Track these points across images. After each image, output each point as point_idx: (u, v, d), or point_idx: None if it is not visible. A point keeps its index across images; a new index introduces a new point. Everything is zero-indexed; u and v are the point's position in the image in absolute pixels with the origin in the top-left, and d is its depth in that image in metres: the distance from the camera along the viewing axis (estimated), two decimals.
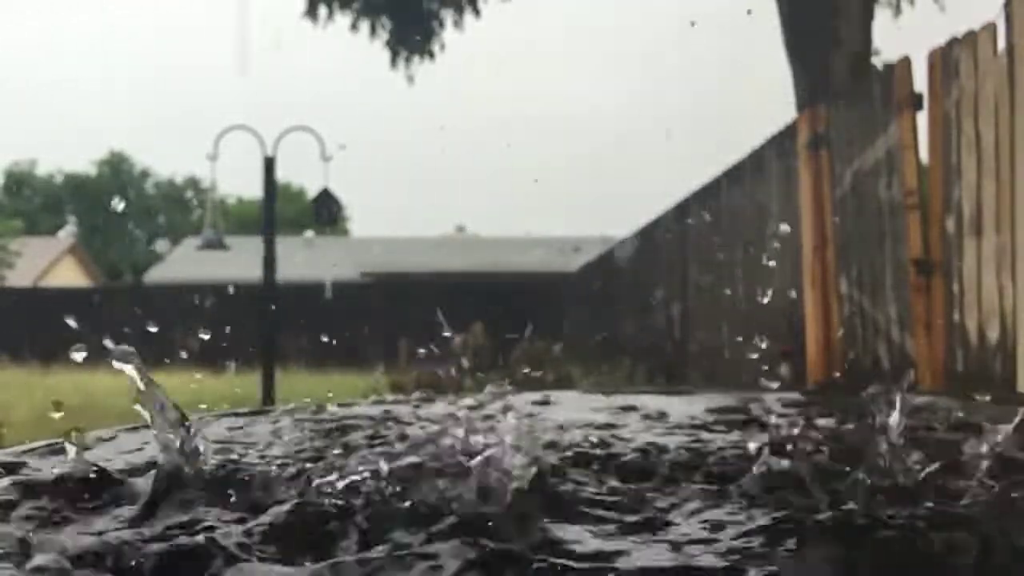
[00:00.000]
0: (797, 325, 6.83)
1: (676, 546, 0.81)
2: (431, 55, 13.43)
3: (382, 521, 0.84)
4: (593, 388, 1.77)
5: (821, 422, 1.35)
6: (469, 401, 1.42)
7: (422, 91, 14.07)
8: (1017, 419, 1.01)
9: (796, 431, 1.10)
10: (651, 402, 1.55)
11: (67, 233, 49.78)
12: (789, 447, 1.03)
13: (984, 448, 0.98)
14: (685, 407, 1.51)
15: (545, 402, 1.59)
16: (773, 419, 1.15)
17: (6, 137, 70.34)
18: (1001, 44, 4.57)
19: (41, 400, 11.67)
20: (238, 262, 20.70)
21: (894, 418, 0.99)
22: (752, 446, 1.04)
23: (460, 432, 0.98)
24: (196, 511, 0.88)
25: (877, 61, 9.35)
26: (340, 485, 0.91)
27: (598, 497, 0.94)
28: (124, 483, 0.97)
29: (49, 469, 1.01)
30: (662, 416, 1.42)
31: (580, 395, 1.72)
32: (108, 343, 0.97)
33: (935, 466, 0.98)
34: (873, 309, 5.86)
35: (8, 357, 17.48)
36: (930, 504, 0.87)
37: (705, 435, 1.27)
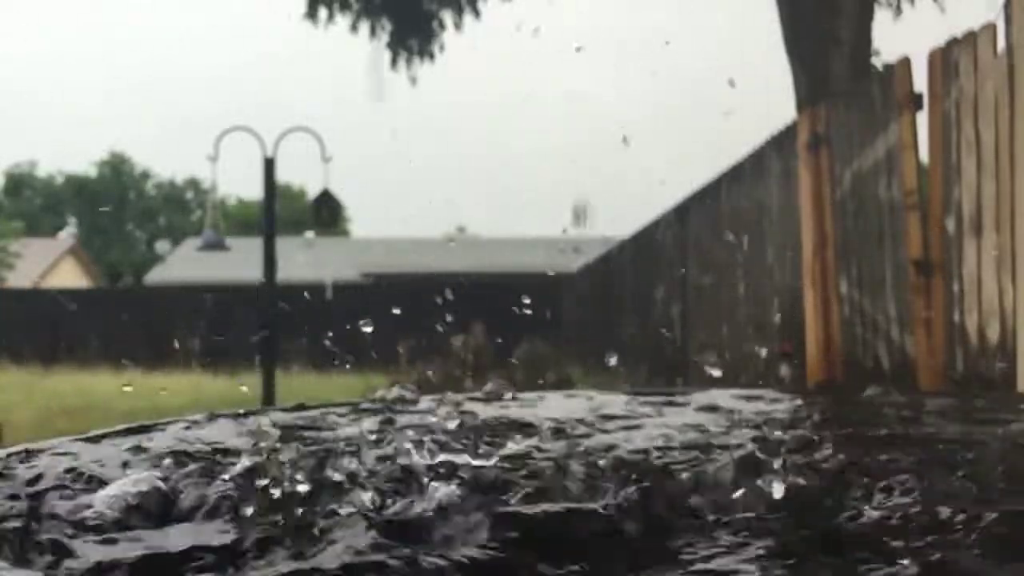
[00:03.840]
0: (797, 325, 6.83)
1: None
2: (431, 56, 13.43)
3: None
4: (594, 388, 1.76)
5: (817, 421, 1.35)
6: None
7: (422, 91, 14.06)
8: None
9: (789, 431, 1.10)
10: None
11: (67, 234, 49.79)
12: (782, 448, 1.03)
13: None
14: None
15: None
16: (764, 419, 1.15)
17: (7, 138, 70.37)
18: (1001, 44, 4.57)
19: (41, 401, 11.68)
20: (238, 263, 20.72)
21: None
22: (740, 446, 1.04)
23: None
24: None
25: (877, 61, 9.35)
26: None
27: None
28: None
29: None
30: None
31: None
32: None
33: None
34: (873, 309, 5.86)
35: (8, 358, 17.49)
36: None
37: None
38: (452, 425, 1.15)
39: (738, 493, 0.90)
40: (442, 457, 0.96)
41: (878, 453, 1.06)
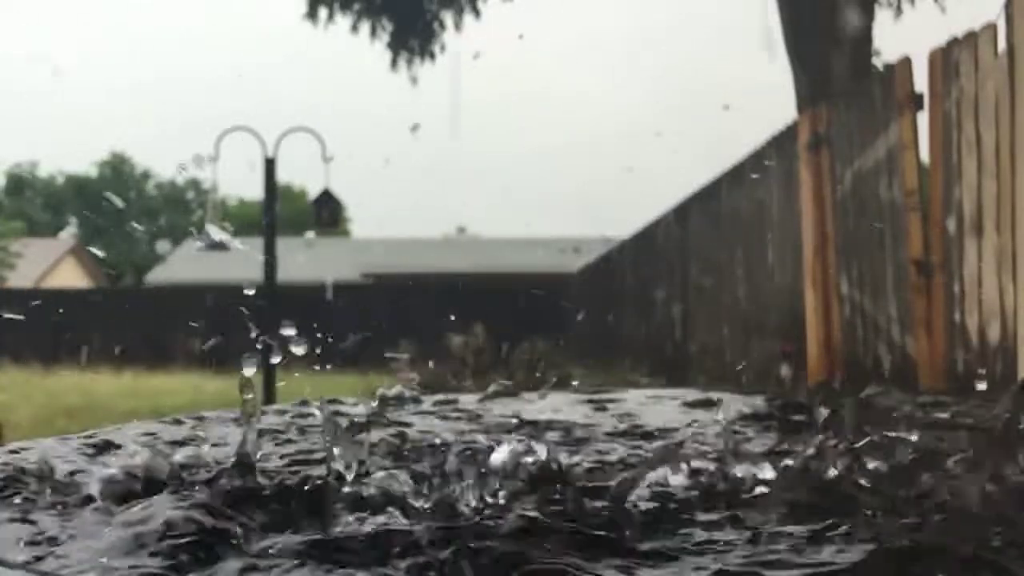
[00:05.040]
0: (797, 325, 6.83)
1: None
2: (431, 56, 13.43)
3: None
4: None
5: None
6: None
7: (422, 92, 14.06)
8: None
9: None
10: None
11: (68, 234, 49.77)
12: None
13: None
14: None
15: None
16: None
17: (7, 138, 70.33)
18: (1001, 44, 4.57)
19: (42, 401, 11.68)
20: (238, 263, 20.71)
21: None
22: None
23: None
24: None
25: (877, 61, 9.35)
26: None
27: None
28: None
29: None
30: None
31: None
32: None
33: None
34: (874, 309, 5.86)
35: (9, 358, 17.46)
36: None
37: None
38: None
39: None
40: None
41: None
